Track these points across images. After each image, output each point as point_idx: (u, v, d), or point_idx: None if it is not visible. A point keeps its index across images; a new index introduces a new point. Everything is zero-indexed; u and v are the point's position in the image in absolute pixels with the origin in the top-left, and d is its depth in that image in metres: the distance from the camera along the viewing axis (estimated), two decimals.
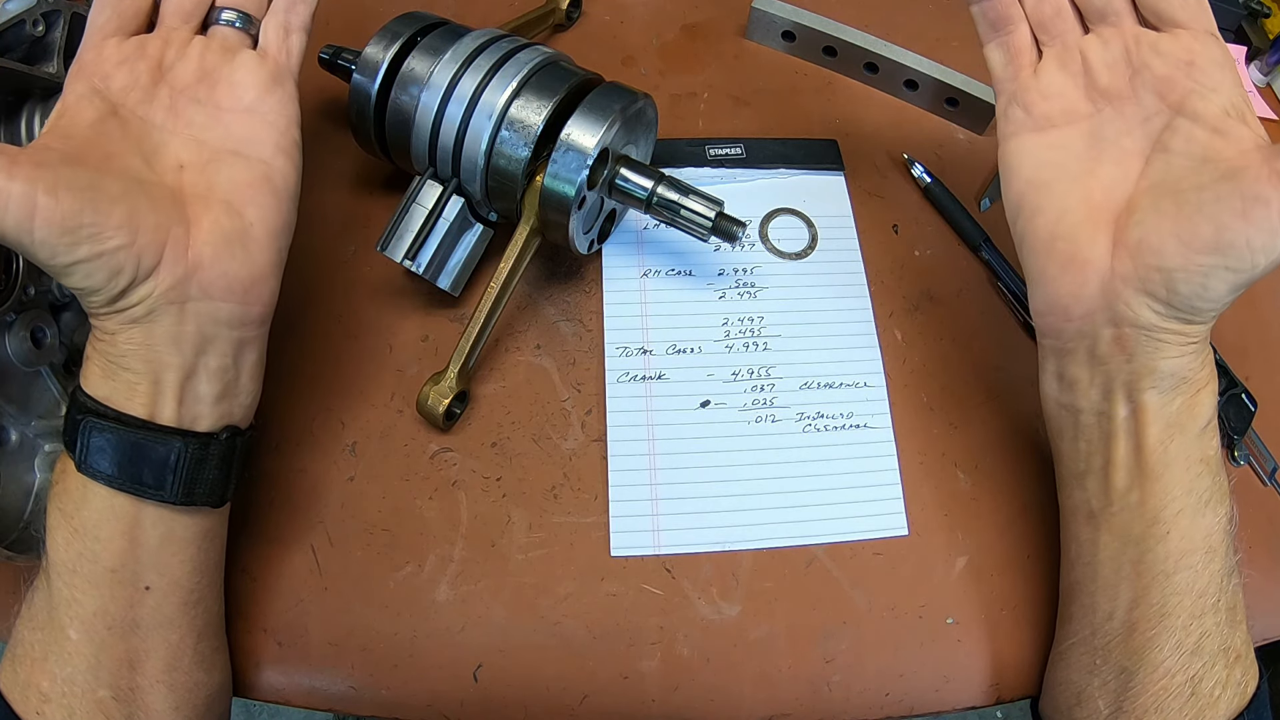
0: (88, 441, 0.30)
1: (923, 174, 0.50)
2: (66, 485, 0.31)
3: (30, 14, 0.34)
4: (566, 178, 0.38)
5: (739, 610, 0.38)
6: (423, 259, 0.40)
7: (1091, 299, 0.32)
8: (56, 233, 0.27)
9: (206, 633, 0.34)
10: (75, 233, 0.27)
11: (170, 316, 0.30)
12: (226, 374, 0.32)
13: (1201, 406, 0.32)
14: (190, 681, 0.33)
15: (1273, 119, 0.60)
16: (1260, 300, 0.50)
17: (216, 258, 0.31)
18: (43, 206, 0.27)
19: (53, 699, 0.30)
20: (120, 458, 0.30)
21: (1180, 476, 0.32)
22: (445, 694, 0.36)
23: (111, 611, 0.30)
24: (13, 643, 0.31)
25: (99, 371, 0.30)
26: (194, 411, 0.31)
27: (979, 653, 0.38)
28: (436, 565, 0.38)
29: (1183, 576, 0.31)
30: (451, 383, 0.39)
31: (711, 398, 0.43)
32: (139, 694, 0.31)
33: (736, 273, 0.47)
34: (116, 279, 0.29)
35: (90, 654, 0.30)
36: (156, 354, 0.30)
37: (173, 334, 0.30)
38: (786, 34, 0.56)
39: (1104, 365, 0.33)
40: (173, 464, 0.31)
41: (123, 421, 0.30)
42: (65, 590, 0.30)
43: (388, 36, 0.42)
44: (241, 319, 0.32)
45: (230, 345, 0.32)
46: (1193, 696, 0.30)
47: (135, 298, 0.29)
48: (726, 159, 0.50)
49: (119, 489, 0.30)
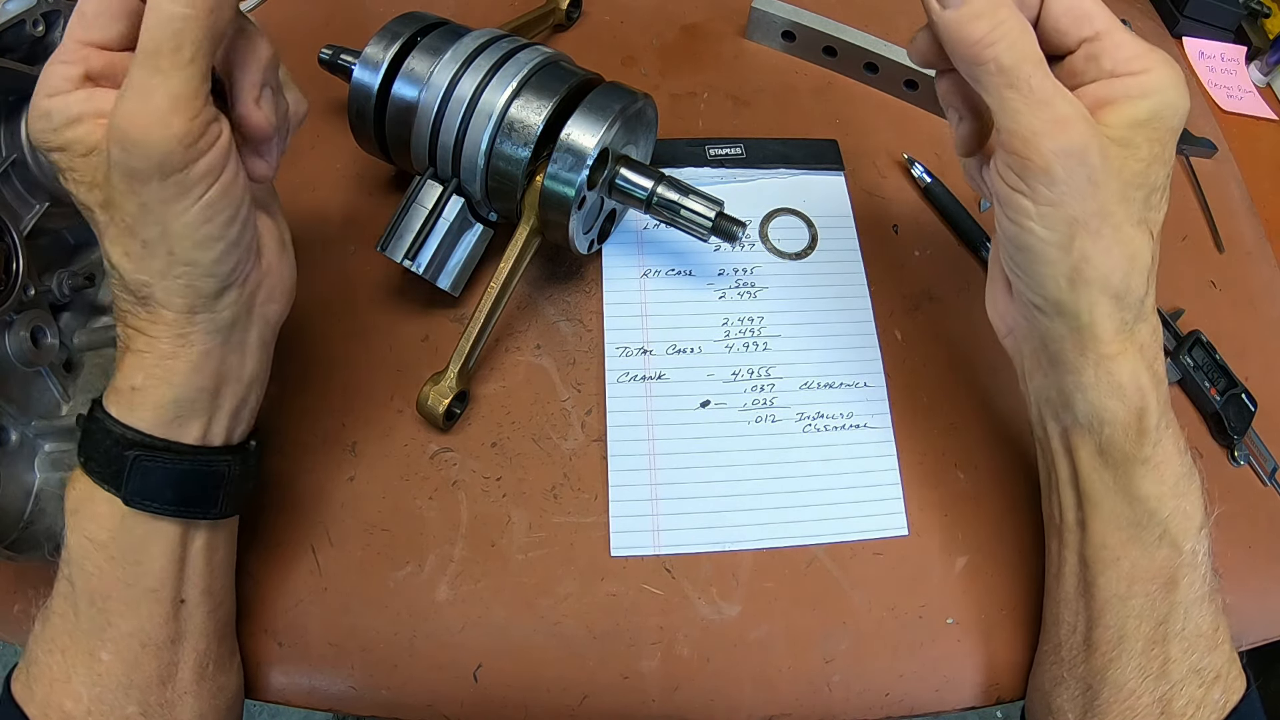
0: (139, 476, 0.29)
1: (923, 174, 0.50)
2: (95, 514, 0.30)
3: (30, 14, 0.34)
4: (566, 178, 0.38)
5: (739, 610, 0.38)
6: (423, 259, 0.40)
7: (1008, 314, 0.34)
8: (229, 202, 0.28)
9: (226, 635, 0.34)
10: (238, 210, 0.28)
11: (242, 324, 0.31)
12: (264, 382, 0.33)
13: (1130, 443, 0.31)
14: (214, 687, 0.33)
15: (1272, 119, 0.60)
16: (1260, 300, 0.50)
17: (279, 262, 0.32)
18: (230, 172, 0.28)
19: (78, 718, 0.29)
20: (175, 488, 0.30)
21: (1121, 509, 0.31)
22: (445, 694, 0.36)
23: (147, 630, 0.30)
24: (27, 661, 0.31)
25: (152, 401, 0.29)
26: (237, 426, 0.32)
27: (979, 653, 0.38)
28: (436, 565, 0.38)
29: (1138, 603, 0.31)
30: (451, 383, 0.39)
31: (711, 398, 0.43)
32: (169, 708, 0.31)
33: (736, 273, 0.47)
34: (234, 272, 0.29)
35: (122, 673, 0.30)
36: (228, 367, 0.30)
37: (241, 341, 0.31)
38: (786, 34, 0.56)
39: (1032, 383, 0.34)
40: (223, 483, 0.31)
41: (175, 451, 0.30)
42: (97, 616, 0.30)
43: (388, 36, 0.42)
44: (281, 319, 0.33)
45: (271, 348, 0.33)
46: (1163, 715, 0.30)
47: (227, 299, 0.30)
48: (726, 159, 0.50)
49: (169, 515, 0.30)
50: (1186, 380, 0.45)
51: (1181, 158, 0.55)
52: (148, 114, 0.25)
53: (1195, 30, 0.63)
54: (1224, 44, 0.63)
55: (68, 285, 0.38)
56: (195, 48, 0.25)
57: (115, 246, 0.28)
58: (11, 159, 0.35)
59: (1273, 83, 0.62)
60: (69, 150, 0.27)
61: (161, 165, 0.25)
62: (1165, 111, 0.30)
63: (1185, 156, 0.55)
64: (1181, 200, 0.53)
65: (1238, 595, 0.40)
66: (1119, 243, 0.30)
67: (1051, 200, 0.29)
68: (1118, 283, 0.30)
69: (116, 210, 0.27)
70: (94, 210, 0.28)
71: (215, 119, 0.27)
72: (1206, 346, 0.46)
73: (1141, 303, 0.31)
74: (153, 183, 0.26)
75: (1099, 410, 0.31)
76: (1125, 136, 0.30)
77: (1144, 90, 0.30)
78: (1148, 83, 0.30)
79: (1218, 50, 0.63)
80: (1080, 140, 0.29)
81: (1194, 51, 0.63)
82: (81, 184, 0.27)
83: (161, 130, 0.25)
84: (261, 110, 0.29)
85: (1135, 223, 0.30)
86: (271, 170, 0.31)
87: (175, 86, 0.25)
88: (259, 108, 0.29)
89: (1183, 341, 0.46)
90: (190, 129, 0.25)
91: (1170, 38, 0.63)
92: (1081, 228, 0.29)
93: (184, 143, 0.25)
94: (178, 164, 0.26)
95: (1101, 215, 0.29)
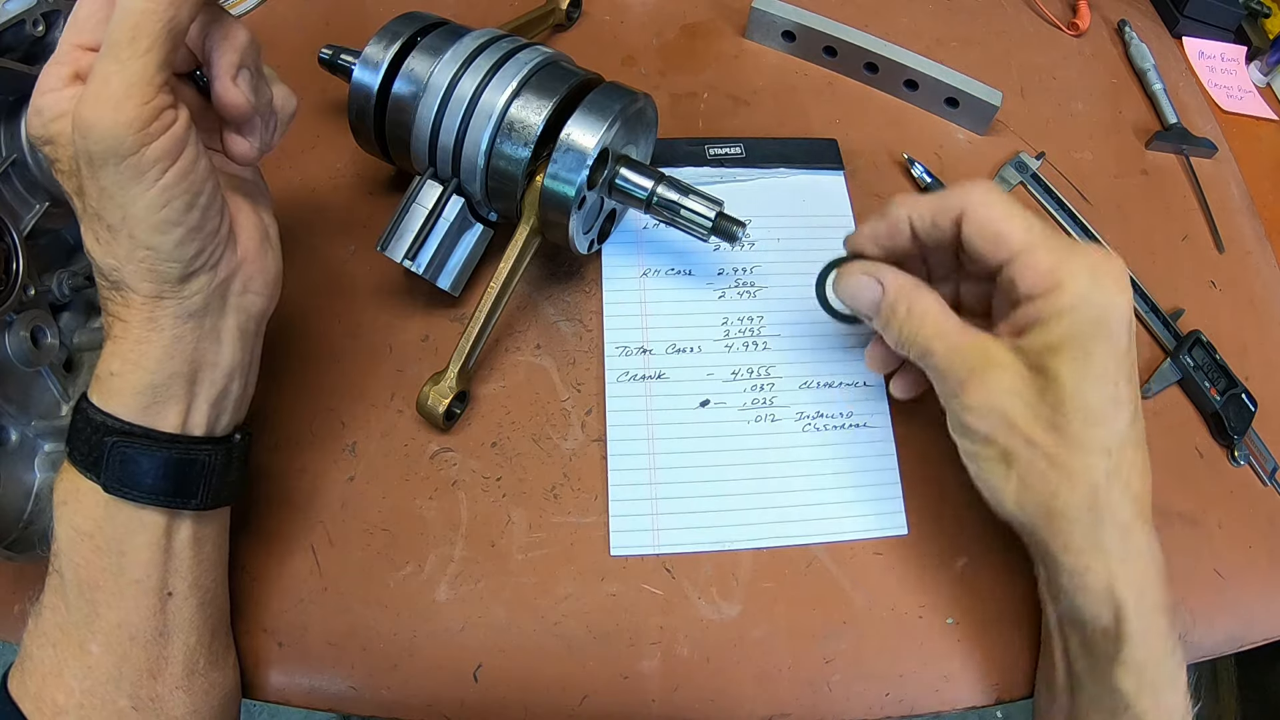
0: (117, 463, 0.29)
1: (923, 174, 0.50)
2: (81, 504, 0.30)
3: (30, 14, 0.34)
4: (566, 178, 0.38)
5: (739, 610, 0.38)
6: (423, 259, 0.40)
7: None
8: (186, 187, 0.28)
9: (219, 631, 0.34)
10: (196, 196, 0.28)
11: (216, 311, 0.31)
12: (248, 371, 0.33)
13: (1109, 645, 0.31)
14: (207, 684, 0.33)
15: (1272, 119, 0.60)
16: (1260, 300, 0.50)
17: (258, 253, 0.33)
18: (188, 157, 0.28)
19: (69, 711, 0.30)
20: (153, 475, 0.30)
21: (1102, 697, 0.32)
22: (445, 694, 0.36)
23: (134, 622, 0.30)
24: (22, 656, 0.31)
25: (128, 387, 0.30)
26: (220, 416, 0.32)
27: (979, 653, 0.38)
28: (436, 565, 0.38)
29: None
30: (451, 383, 0.39)
31: (711, 397, 0.43)
32: (159, 702, 0.31)
33: (736, 272, 0.47)
34: (197, 258, 0.29)
35: (112, 666, 0.30)
36: (201, 353, 0.31)
37: (217, 330, 0.31)
38: (786, 34, 0.56)
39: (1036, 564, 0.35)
40: (204, 473, 0.31)
41: (153, 438, 0.30)
42: (85, 607, 0.30)
43: (388, 36, 0.42)
44: (265, 313, 0.34)
45: (255, 340, 0.34)
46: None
47: (195, 286, 0.30)
48: (726, 159, 0.50)
49: (149, 504, 0.30)
50: (1186, 380, 0.45)
51: (1182, 158, 0.55)
52: (102, 100, 0.26)
53: (1195, 30, 0.63)
54: (1224, 44, 0.63)
55: (68, 285, 0.38)
56: (152, 39, 0.26)
57: (88, 232, 0.29)
58: (11, 159, 0.35)
59: (1273, 83, 0.62)
60: (54, 142, 0.28)
61: (115, 149, 0.26)
62: (1086, 325, 0.30)
63: (1185, 156, 0.55)
64: (1181, 200, 0.53)
65: (1238, 595, 0.41)
66: (1054, 467, 0.31)
67: (982, 440, 0.32)
68: (1060, 505, 0.31)
69: (85, 196, 0.28)
70: (72, 198, 0.29)
71: (171, 106, 0.27)
72: (1206, 346, 0.46)
73: (1108, 518, 0.31)
74: (109, 166, 0.27)
75: (1078, 610, 0.32)
76: (1042, 363, 0.31)
77: (1056, 310, 0.30)
78: (1059, 301, 0.30)
79: (1218, 50, 0.63)
80: (984, 395, 0.32)
81: (1194, 51, 0.63)
82: (62, 173, 0.29)
83: (114, 115, 0.26)
84: (239, 89, 0.30)
85: (1075, 445, 0.30)
86: (254, 152, 0.33)
87: (131, 74, 0.26)
88: (235, 86, 0.30)
89: (1183, 341, 0.46)
90: (140, 114, 0.26)
91: (1170, 37, 0.63)
92: (1014, 460, 0.31)
93: (134, 127, 0.26)
94: (130, 148, 0.26)
95: (1029, 446, 0.31)
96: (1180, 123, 0.55)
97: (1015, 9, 0.61)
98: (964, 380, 0.32)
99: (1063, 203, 0.51)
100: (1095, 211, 0.51)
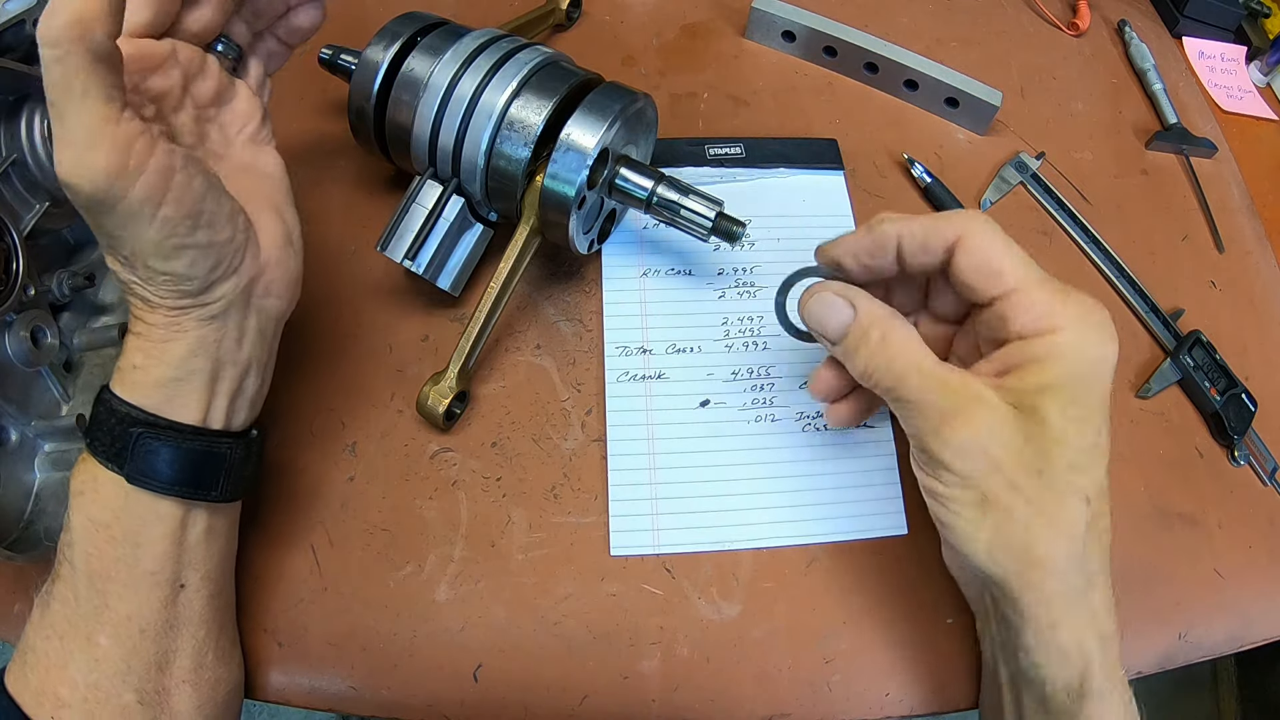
0: (143, 454, 0.30)
1: (923, 174, 0.50)
2: (100, 494, 0.30)
3: (30, 14, 0.34)
4: (566, 178, 0.38)
5: (739, 610, 0.38)
6: (423, 259, 0.40)
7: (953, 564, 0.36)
8: (185, 213, 0.28)
9: (227, 626, 0.35)
10: (198, 217, 0.28)
11: (238, 313, 0.31)
12: (266, 368, 0.34)
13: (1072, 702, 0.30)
14: (213, 678, 0.33)
15: (1272, 119, 0.60)
16: (1260, 300, 0.50)
17: (280, 257, 0.33)
18: (178, 185, 0.27)
19: (72, 705, 0.30)
20: (175, 466, 0.30)
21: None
22: (445, 694, 0.36)
23: (145, 614, 0.31)
24: (22, 649, 0.31)
25: (150, 380, 0.30)
26: (238, 412, 0.33)
27: (979, 653, 0.38)
28: (436, 565, 0.38)
29: None
30: (451, 383, 0.39)
31: (711, 397, 0.43)
32: (165, 695, 0.31)
33: (736, 272, 0.47)
34: (215, 270, 0.29)
35: (120, 658, 0.30)
36: (223, 351, 0.31)
37: (239, 330, 0.31)
38: (786, 34, 0.56)
39: (984, 627, 0.36)
40: (224, 466, 0.32)
41: (177, 430, 0.30)
42: (95, 598, 0.30)
43: (388, 37, 0.42)
44: (284, 314, 0.34)
45: (274, 339, 0.34)
46: None
47: (218, 293, 0.30)
48: (726, 159, 0.50)
49: (169, 495, 0.31)
50: (1186, 380, 0.45)
51: (1182, 158, 0.55)
52: (69, 159, 0.25)
53: (1195, 30, 0.63)
54: (1224, 44, 0.63)
55: (68, 285, 0.38)
56: (84, 80, 0.24)
57: (108, 256, 0.29)
58: (11, 159, 0.35)
59: (1273, 83, 0.62)
60: None
61: (101, 201, 0.26)
62: (1079, 371, 0.29)
63: (1185, 156, 0.55)
64: (1181, 200, 0.53)
65: (1238, 595, 0.41)
66: (1038, 514, 0.29)
67: (956, 483, 0.30)
68: (1042, 553, 0.29)
69: (99, 232, 0.28)
70: None
71: (141, 134, 0.26)
72: (1206, 346, 0.46)
73: (1081, 569, 0.30)
74: (104, 215, 0.27)
75: (1040, 669, 0.30)
76: (1031, 404, 0.29)
77: (1051, 353, 0.29)
78: (1056, 345, 0.29)
79: (1218, 50, 0.63)
80: (969, 433, 0.29)
81: (1194, 51, 0.63)
82: None
83: (84, 171, 0.25)
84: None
85: (1059, 491, 0.29)
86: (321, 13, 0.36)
87: (83, 123, 0.25)
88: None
89: (1183, 341, 0.46)
90: (110, 161, 0.25)
91: (1170, 37, 0.63)
92: (992, 505, 0.29)
93: (110, 176, 0.25)
94: (116, 195, 0.26)
95: (1011, 490, 0.29)
96: (1180, 123, 0.55)
97: (1015, 9, 0.61)
98: (946, 416, 0.30)
99: (1063, 203, 0.51)
100: (1095, 211, 0.51)
